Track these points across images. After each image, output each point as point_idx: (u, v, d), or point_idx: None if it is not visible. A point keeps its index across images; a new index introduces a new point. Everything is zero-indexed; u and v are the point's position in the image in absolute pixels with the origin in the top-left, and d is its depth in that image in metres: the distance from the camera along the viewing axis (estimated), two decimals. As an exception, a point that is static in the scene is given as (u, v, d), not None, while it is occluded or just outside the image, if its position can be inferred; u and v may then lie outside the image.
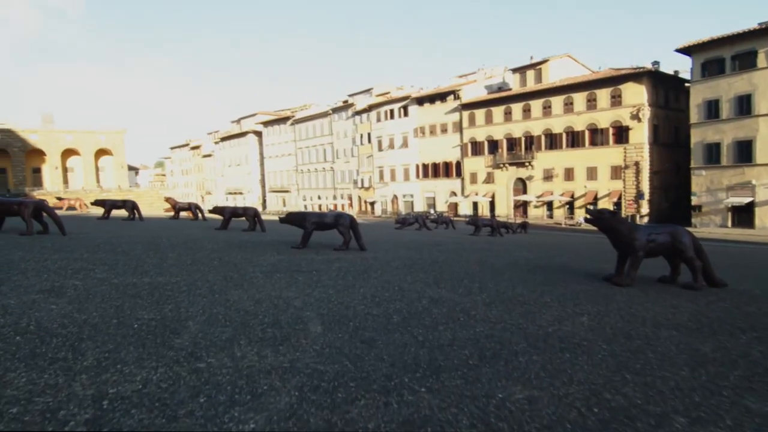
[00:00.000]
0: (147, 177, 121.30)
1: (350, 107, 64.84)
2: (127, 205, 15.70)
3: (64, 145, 75.68)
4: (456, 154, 53.03)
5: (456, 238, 15.36)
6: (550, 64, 47.28)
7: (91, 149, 77.89)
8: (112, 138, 79.48)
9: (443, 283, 5.45)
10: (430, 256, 8.47)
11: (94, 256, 6.23)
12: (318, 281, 5.12)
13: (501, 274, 6.41)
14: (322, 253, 7.83)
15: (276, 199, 79.81)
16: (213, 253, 7.29)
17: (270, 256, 7.16)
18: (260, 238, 10.70)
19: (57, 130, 75.26)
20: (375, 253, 8.44)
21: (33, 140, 73.66)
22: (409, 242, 11.78)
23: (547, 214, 46.28)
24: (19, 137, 72.87)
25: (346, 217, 8.67)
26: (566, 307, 4.38)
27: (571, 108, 43.89)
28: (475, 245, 11.89)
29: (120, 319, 3.20)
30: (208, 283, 4.70)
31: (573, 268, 7.72)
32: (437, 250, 9.83)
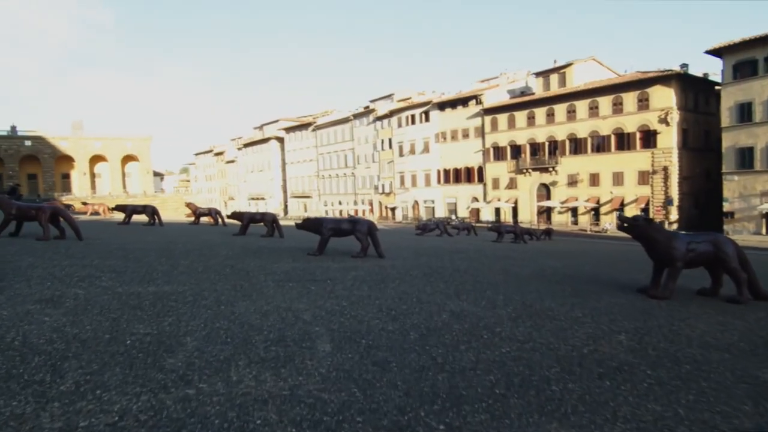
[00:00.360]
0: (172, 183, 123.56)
1: (371, 113, 64.82)
2: (147, 210, 15.74)
3: (92, 151, 77.58)
4: (478, 160, 52.41)
5: (478, 244, 14.94)
6: (574, 67, 46.41)
7: (118, 155, 79.64)
8: (138, 144, 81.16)
9: (465, 294, 5.10)
10: (451, 264, 8.11)
11: (105, 263, 6.07)
12: (331, 292, 4.83)
13: (527, 285, 6.02)
14: (339, 261, 7.56)
15: (297, 204, 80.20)
16: (227, 260, 7.07)
17: (285, 264, 6.91)
18: (277, 244, 10.49)
19: (85, 137, 77.22)
20: (394, 260, 8.12)
21: (63, 147, 75.67)
22: (430, 249, 11.43)
23: (571, 220, 45.28)
24: (49, 144, 74.94)
25: (363, 223, 8.38)
26: (601, 324, 3.99)
27: (597, 112, 42.94)
28: (498, 252, 11.47)
29: (113, 334, 2.96)
30: (215, 293, 4.45)
31: (603, 278, 7.26)
32: (458, 257, 9.46)
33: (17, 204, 8.97)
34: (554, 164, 45.64)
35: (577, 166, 44.43)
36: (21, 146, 73.31)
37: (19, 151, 73.14)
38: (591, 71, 47.49)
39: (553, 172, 46.08)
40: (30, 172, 74.70)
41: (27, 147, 73.53)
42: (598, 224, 42.31)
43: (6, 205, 8.86)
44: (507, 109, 49.41)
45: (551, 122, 46.10)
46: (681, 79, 39.31)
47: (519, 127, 48.46)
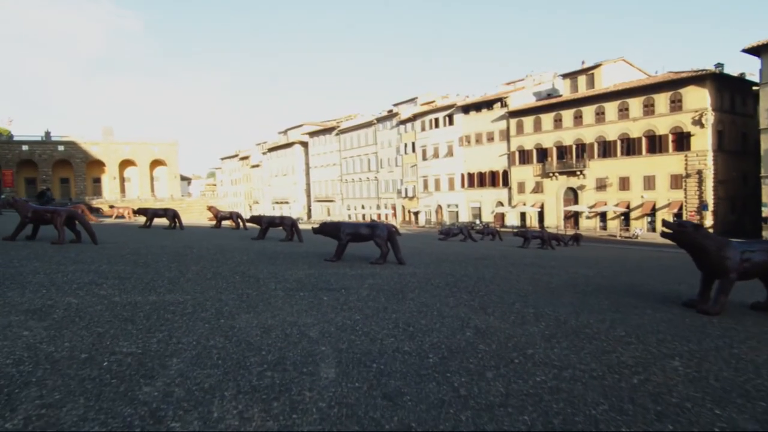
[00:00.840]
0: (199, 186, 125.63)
1: (395, 116, 64.55)
2: (168, 213, 15.68)
3: (122, 156, 79.35)
4: (503, 163, 51.52)
5: (504, 251, 14.37)
6: (603, 68, 45.24)
7: (147, 160, 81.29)
8: (165, 149, 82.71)
9: (491, 307, 4.64)
10: (476, 272, 7.63)
11: (112, 268, 5.81)
12: (344, 303, 4.43)
13: (559, 297, 5.51)
14: (357, 267, 7.16)
15: (321, 208, 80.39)
16: (239, 266, 6.76)
17: (299, 270, 6.55)
18: (295, 248, 10.18)
19: (115, 142, 79.05)
20: (414, 267, 7.69)
21: (94, 152, 77.63)
22: (453, 255, 10.95)
23: (600, 225, 44.00)
24: (81, 149, 76.97)
25: (382, 227, 7.98)
26: (648, 345, 3.48)
27: (627, 114, 41.68)
28: (525, 259, 10.91)
29: (92, 353, 2.62)
30: (218, 304, 4.11)
31: (641, 289, 6.68)
32: (483, 264, 8.96)
33: (33, 207, 8.87)
34: (582, 168, 44.48)
35: (606, 169, 43.19)
36: (54, 151, 75.49)
37: (53, 155, 75.33)
38: (620, 72, 46.22)
39: (580, 176, 44.90)
40: (63, 176, 76.84)
41: (60, 152, 75.70)
42: (628, 229, 40.99)
43: (22, 208, 8.78)
44: (533, 112, 48.45)
45: (579, 125, 44.97)
46: (716, 79, 37.82)
47: (545, 129, 47.44)
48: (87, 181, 77.52)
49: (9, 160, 72.37)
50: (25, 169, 74.09)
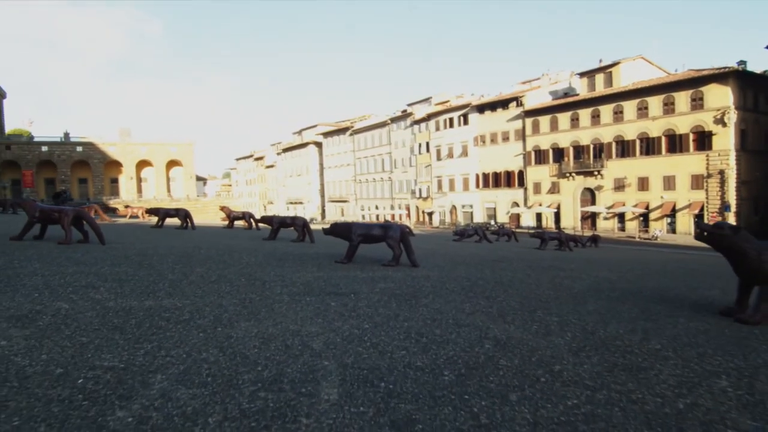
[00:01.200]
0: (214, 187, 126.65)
1: (409, 116, 64.20)
2: (179, 213, 15.57)
3: (139, 156, 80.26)
4: (518, 163, 50.84)
5: (520, 252, 13.96)
6: (621, 66, 44.33)
7: (163, 160, 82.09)
8: (182, 150, 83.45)
9: (511, 314, 4.31)
10: (493, 275, 7.28)
11: (114, 270, 5.60)
12: (353, 309, 4.13)
13: (583, 303, 5.15)
14: (368, 270, 6.87)
15: (335, 208, 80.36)
16: (246, 268, 6.51)
17: (307, 273, 6.28)
18: (306, 249, 9.92)
19: (132, 143, 79.98)
20: (428, 270, 7.37)
21: (111, 152, 78.62)
22: (469, 257, 10.60)
23: (618, 226, 43.11)
24: (99, 149, 78.00)
25: (395, 228, 7.67)
26: (689, 361, 3.12)
27: (646, 113, 40.78)
28: (543, 262, 10.52)
29: (68, 368, 2.36)
30: (218, 310, 3.84)
31: (670, 294, 6.28)
32: (500, 267, 8.60)
33: (40, 207, 8.75)
34: (600, 168, 43.65)
35: (624, 169, 42.31)
36: (73, 152, 76.62)
37: (71, 156, 76.46)
38: (639, 70, 45.28)
39: (598, 176, 44.06)
40: (81, 177, 77.96)
41: (78, 152, 76.81)
42: (647, 230, 40.09)
43: (29, 208, 8.66)
44: (549, 111, 47.71)
45: (596, 124, 44.14)
46: (739, 77, 36.79)
47: (562, 129, 46.68)
48: (105, 182, 78.54)
49: (29, 160, 73.63)
50: (45, 169, 75.32)
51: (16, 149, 73.38)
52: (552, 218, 47.68)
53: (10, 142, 74.77)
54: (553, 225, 46.74)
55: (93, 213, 17.95)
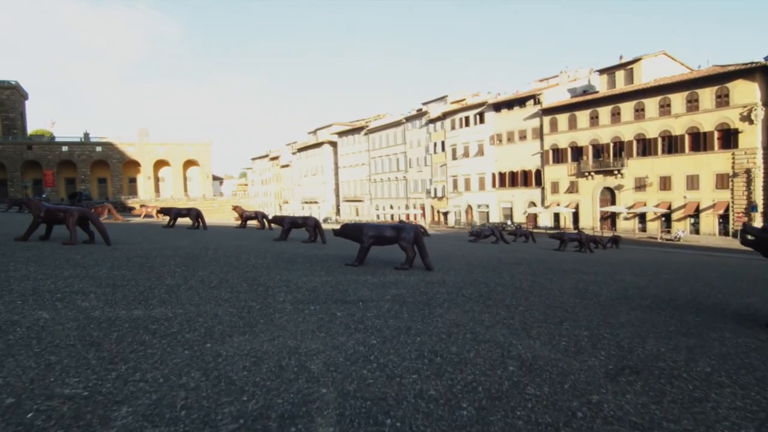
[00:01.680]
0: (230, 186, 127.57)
1: (424, 115, 63.66)
2: (191, 213, 15.38)
3: (156, 156, 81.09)
4: (535, 162, 49.98)
5: (539, 254, 13.45)
6: (643, 62, 43.24)
7: (180, 160, 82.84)
8: (198, 149, 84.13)
9: (535, 327, 3.89)
10: (512, 280, 6.85)
11: (110, 274, 5.31)
12: (360, 321, 3.76)
13: (614, 314, 4.70)
14: (380, 274, 6.49)
15: (349, 208, 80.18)
16: (251, 271, 6.18)
17: (315, 277, 5.92)
18: (317, 251, 9.59)
19: (150, 143, 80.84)
20: (443, 274, 6.97)
21: (130, 152, 79.57)
22: (485, 259, 10.16)
23: (639, 227, 42.06)
24: (117, 149, 79.00)
25: (409, 229, 7.28)
26: (749, 389, 2.68)
27: (668, 110, 39.69)
28: (565, 265, 10.02)
29: (21, 397, 2.02)
30: (212, 321, 3.50)
31: (708, 303, 5.78)
32: (520, 271, 8.15)
33: (46, 206, 8.55)
34: (620, 167, 42.63)
35: (645, 168, 41.26)
36: (92, 152, 77.73)
37: (91, 156, 77.56)
38: (661, 67, 44.12)
39: (618, 175, 43.04)
40: (100, 176, 79.08)
41: (98, 152, 77.90)
42: (669, 231, 39.02)
43: (35, 207, 8.47)
44: (568, 109, 46.79)
45: (617, 122, 43.13)
46: (766, 72, 35.53)
47: (581, 127, 45.73)
48: (123, 181, 79.53)
49: (50, 160, 74.86)
50: (65, 169, 76.55)
51: (38, 149, 74.67)
52: (570, 218, 46.78)
53: (32, 142, 76.13)
54: (571, 225, 45.85)
55: (106, 212, 17.89)
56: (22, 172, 73.08)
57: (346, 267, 7.08)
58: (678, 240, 36.36)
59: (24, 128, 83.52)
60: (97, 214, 17.89)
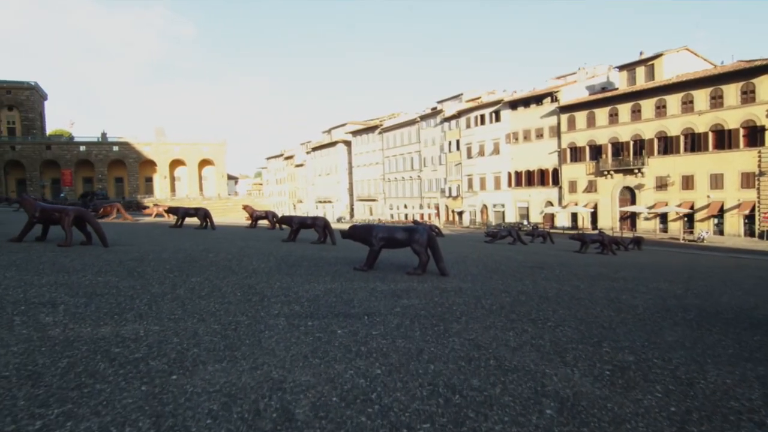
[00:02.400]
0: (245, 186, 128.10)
1: (439, 114, 62.91)
2: (199, 213, 14.98)
3: (172, 155, 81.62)
4: (553, 161, 48.95)
5: (560, 256, 12.77)
6: (664, 58, 42.00)
7: (195, 159, 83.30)
8: (213, 149, 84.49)
9: (569, 349, 3.30)
10: (536, 287, 6.24)
11: (93, 280, 4.84)
12: (364, 341, 3.21)
13: (657, 331, 4.08)
14: (390, 280, 5.94)
15: (363, 207, 79.76)
16: (250, 276, 5.68)
17: (318, 284, 5.39)
18: (325, 252, 9.07)
19: (166, 143, 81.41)
20: (460, 280, 6.39)
21: (146, 152, 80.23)
22: (503, 262, 9.54)
23: (660, 227, 40.88)
24: (134, 149, 79.68)
25: (422, 231, 6.71)
26: None
27: (691, 107, 38.44)
28: (589, 269, 9.35)
29: None
30: (189, 341, 2.98)
31: (760, 316, 5.11)
32: (543, 276, 7.53)
33: (41, 206, 8.16)
34: (640, 165, 41.46)
35: (667, 167, 40.06)
36: (110, 151, 78.52)
37: (108, 156, 78.36)
38: (683, 63, 42.80)
39: (638, 174, 41.88)
40: (117, 176, 79.88)
41: (115, 152, 78.67)
42: (692, 232, 37.79)
43: (30, 207, 8.09)
44: (586, 106, 45.70)
45: (637, 119, 41.96)
46: (796, 67, 34.17)
47: (600, 125, 44.61)
48: (140, 180, 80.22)
49: (68, 160, 75.78)
50: (83, 168, 77.44)
51: (56, 149, 75.65)
52: (588, 218, 45.69)
53: (50, 142, 77.17)
54: (589, 225, 44.78)
55: (115, 212, 17.62)
56: (41, 172, 74.10)
57: (354, 272, 6.54)
58: (701, 241, 35.16)
59: (43, 128, 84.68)
60: (106, 214, 17.66)
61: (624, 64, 44.76)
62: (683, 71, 41.68)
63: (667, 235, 39.42)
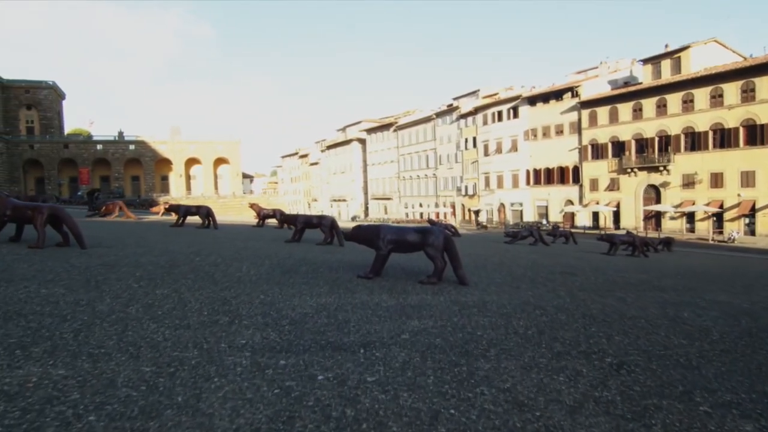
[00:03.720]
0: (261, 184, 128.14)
1: (455, 111, 61.62)
2: (201, 211, 14.14)
3: (187, 154, 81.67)
4: (573, 158, 47.36)
5: (589, 259, 11.63)
6: (691, 51, 40.16)
7: (211, 158, 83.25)
8: (228, 147, 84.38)
9: (651, 409, 2.27)
10: (574, 301, 5.18)
11: (36, 293, 3.94)
12: (352, 397, 2.22)
13: (755, 370, 3.01)
14: (399, 291, 4.95)
15: (378, 206, 78.81)
16: (230, 287, 4.74)
17: (311, 297, 4.43)
18: (329, 255, 8.12)
19: (181, 141, 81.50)
20: (482, 291, 5.37)
21: (161, 150, 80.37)
22: (529, 266, 8.47)
23: (686, 227, 39.13)
24: (150, 148, 79.92)
25: (437, 233, 5.70)
26: None
27: (721, 101, 36.63)
28: (628, 275, 8.24)
29: None
30: (91, 399, 2.03)
31: None
32: (578, 285, 6.46)
33: (13, 203, 7.34)
34: (666, 162, 39.73)
35: (694, 164, 38.28)
36: (126, 150, 78.88)
37: (124, 154, 78.71)
38: (712, 55, 40.92)
39: (664, 172, 40.15)
40: (133, 174, 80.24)
41: (131, 151, 79.00)
42: (721, 232, 36.02)
43: (0, 205, 7.27)
44: (608, 101, 44.03)
45: (662, 114, 40.22)
46: (836, 58, 32.25)
47: (623, 121, 42.94)
48: (156, 179, 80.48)
49: (85, 158, 76.30)
50: (100, 167, 77.91)
51: (74, 148, 76.19)
52: (611, 218, 44.05)
53: (68, 140, 77.74)
54: (611, 225, 43.17)
55: (117, 210, 16.92)
56: (58, 170, 74.70)
57: (358, 280, 5.56)
58: (732, 242, 33.45)
59: (61, 127, 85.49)
60: (108, 212, 16.96)
61: (649, 57, 43.00)
62: (711, 64, 39.83)
63: (695, 235, 37.70)
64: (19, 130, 76.68)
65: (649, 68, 43.01)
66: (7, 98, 75.81)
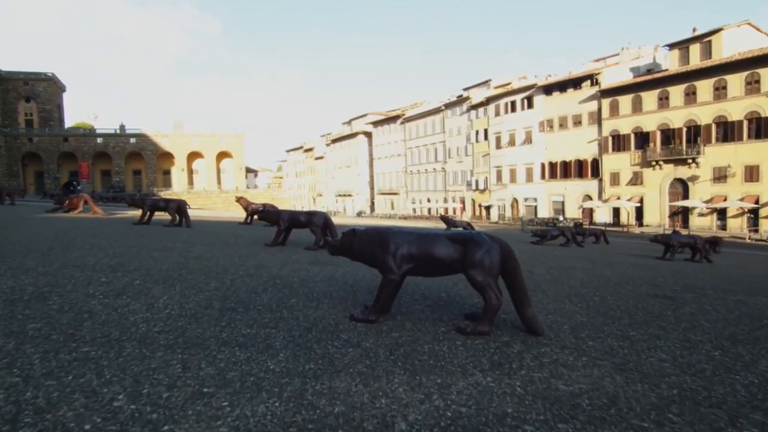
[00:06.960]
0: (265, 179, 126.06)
1: (465, 101, 58.90)
2: (170, 206, 11.74)
3: (190, 148, 79.48)
4: (592, 150, 44.59)
5: (656, 267, 9.11)
6: (723, 34, 37.25)
7: (214, 152, 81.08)
8: (232, 141, 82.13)
9: None
10: (736, 360, 2.69)
11: None
12: None
13: None
14: (422, 360, 2.50)
15: (384, 201, 76.33)
16: (71, 370, 2.32)
17: (239, 401, 1.99)
18: (316, 268, 5.70)
19: (184, 134, 79.33)
20: (573, 351, 2.90)
21: (163, 144, 78.27)
22: (597, 286, 5.99)
23: (717, 224, 36.34)
24: (151, 141, 77.81)
25: (486, 245, 3.21)
26: None
27: (757, 87, 33.81)
28: (727, 295, 5.72)
29: None
30: None
31: None
32: (709, 319, 3.97)
33: None
34: (695, 154, 36.95)
35: (727, 156, 35.48)
36: (127, 144, 76.89)
37: (125, 148, 76.72)
38: (745, 38, 38.03)
39: (692, 165, 37.37)
40: (135, 168, 78.28)
41: (132, 144, 76.99)
42: (756, 230, 33.25)
43: None
44: (631, 90, 41.23)
45: (691, 102, 37.39)
46: None
47: (647, 110, 40.12)
48: (157, 173, 78.49)
49: (85, 152, 74.41)
50: (101, 161, 76.02)
51: (74, 141, 74.30)
52: (633, 214, 41.32)
53: (68, 134, 75.84)
54: (634, 221, 40.46)
55: (82, 204, 14.59)
56: (58, 164, 72.88)
57: (349, 327, 3.11)
58: (771, 240, 30.72)
59: (61, 120, 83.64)
60: (72, 207, 14.64)
61: (675, 41, 40.11)
62: (745, 48, 36.93)
63: (726, 233, 34.92)
64: (18, 123, 74.91)
65: (675, 54, 40.13)
66: (5, 90, 74.05)
